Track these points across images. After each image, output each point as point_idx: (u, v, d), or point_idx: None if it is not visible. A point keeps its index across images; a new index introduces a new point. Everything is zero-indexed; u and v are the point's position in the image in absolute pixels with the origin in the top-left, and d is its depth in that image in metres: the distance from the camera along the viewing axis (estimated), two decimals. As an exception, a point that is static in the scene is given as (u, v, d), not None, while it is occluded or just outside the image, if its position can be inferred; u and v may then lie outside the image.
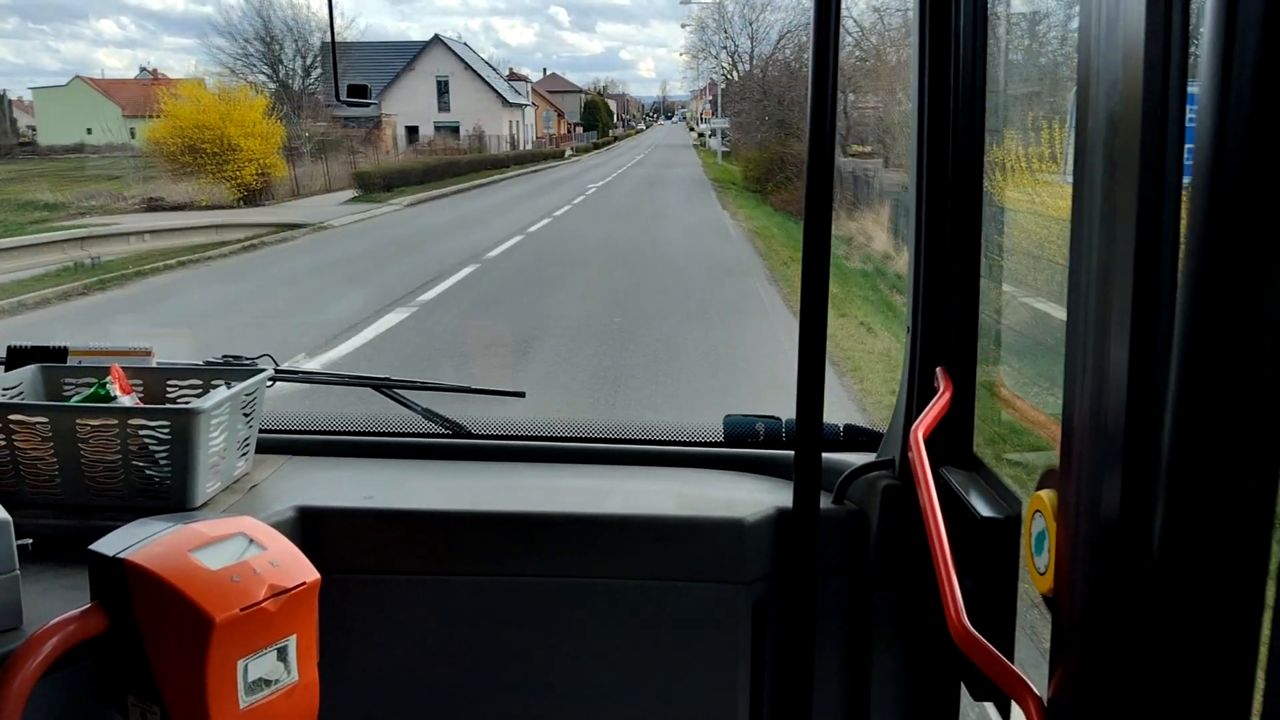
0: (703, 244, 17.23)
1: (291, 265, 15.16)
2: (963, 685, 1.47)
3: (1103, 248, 0.83)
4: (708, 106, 67.38)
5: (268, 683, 1.30)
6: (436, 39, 59.08)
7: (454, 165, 36.46)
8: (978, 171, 1.54)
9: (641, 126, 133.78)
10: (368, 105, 1.97)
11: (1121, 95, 0.80)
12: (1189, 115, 0.75)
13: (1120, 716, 0.84)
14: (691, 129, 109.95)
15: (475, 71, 58.97)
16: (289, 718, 1.34)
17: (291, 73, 45.38)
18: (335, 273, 14.21)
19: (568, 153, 64.66)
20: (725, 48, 54.16)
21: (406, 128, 52.33)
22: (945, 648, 1.26)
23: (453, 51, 59.22)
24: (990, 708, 1.35)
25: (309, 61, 46.11)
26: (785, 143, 25.00)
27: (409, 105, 55.25)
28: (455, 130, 54.84)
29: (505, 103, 59.42)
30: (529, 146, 64.45)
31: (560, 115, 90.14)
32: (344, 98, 1.88)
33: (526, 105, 67.38)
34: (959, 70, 1.52)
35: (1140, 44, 0.77)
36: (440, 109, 58.39)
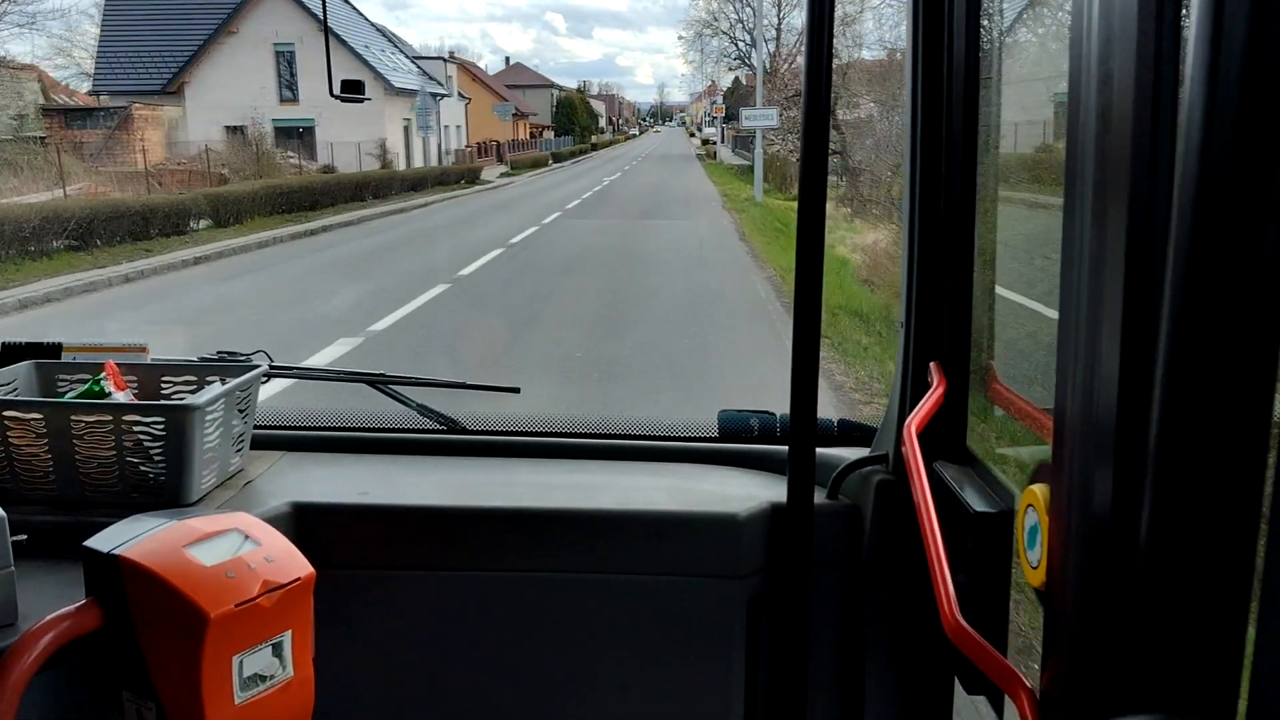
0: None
1: None
2: (956, 679, 1.48)
3: (1094, 241, 0.84)
4: (719, 101, 53.28)
5: (263, 678, 1.31)
6: (273, -18, 33.15)
7: None
8: (971, 166, 1.54)
9: (634, 132, 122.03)
10: (362, 101, 1.95)
11: (1112, 89, 0.81)
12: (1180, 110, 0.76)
13: (1112, 709, 0.84)
14: (692, 135, 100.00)
15: (340, 39, 32.87)
16: (284, 713, 1.34)
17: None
18: None
19: (491, 174, 40.03)
20: (740, 21, 41.20)
21: (228, 129, 30.99)
22: (938, 642, 1.27)
23: (299, 3, 32.86)
24: (983, 701, 1.36)
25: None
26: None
27: (229, 92, 32.57)
28: (307, 133, 33.19)
29: (391, 89, 34.19)
30: (450, 158, 41.13)
31: (521, 115, 67.53)
32: (337, 93, 1.86)
33: (444, 96, 41.95)
34: (952, 67, 1.53)
35: (1132, 38, 0.78)
36: (283, 98, 34.26)
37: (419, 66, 42.07)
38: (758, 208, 22.77)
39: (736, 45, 45.42)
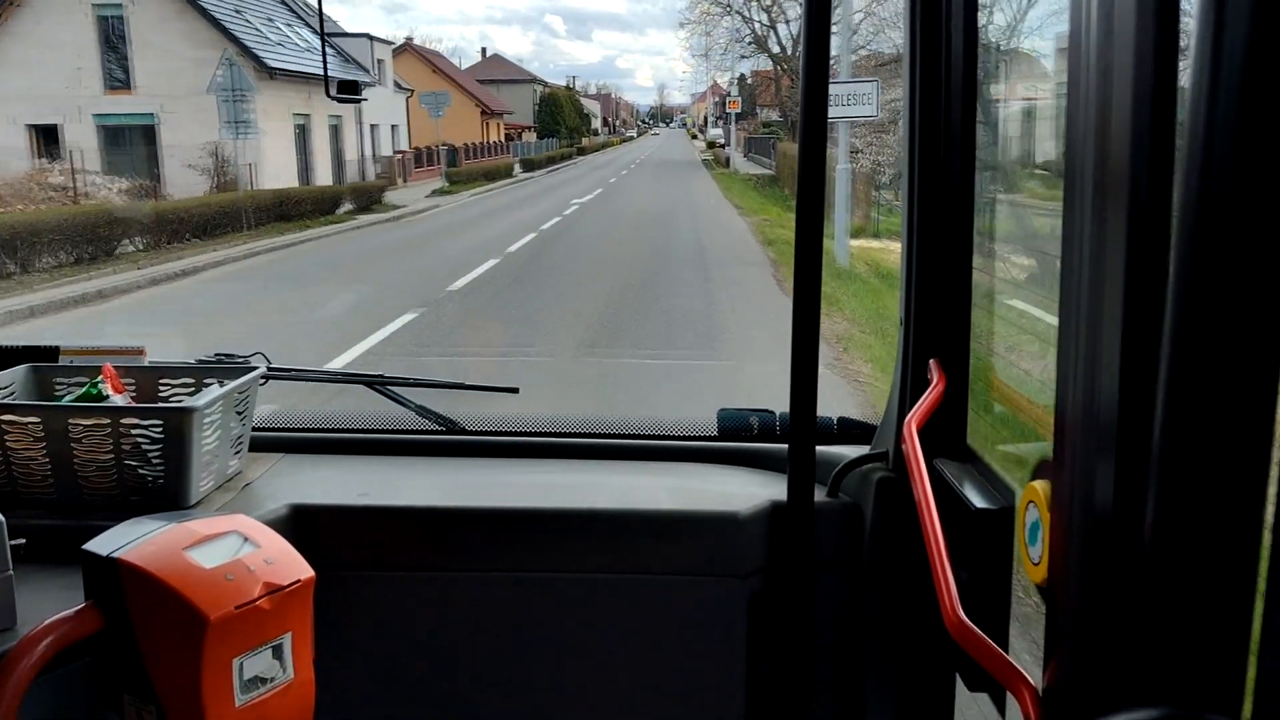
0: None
1: None
2: (958, 676, 1.48)
3: (1094, 236, 0.84)
4: (734, 95, 46.91)
5: (264, 680, 1.30)
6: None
7: None
8: (970, 163, 1.54)
9: (631, 134, 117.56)
10: (358, 103, 1.94)
11: (1112, 84, 0.81)
12: (1179, 107, 0.76)
13: (1115, 705, 0.84)
14: (694, 137, 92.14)
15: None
16: (285, 715, 1.34)
17: None
18: None
19: (415, 194, 28.01)
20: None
21: (35, 129, 23.06)
22: (940, 639, 1.27)
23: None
24: (985, 698, 1.36)
25: None
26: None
27: (32, 76, 23.51)
28: (146, 133, 23.90)
29: (270, 73, 24.26)
30: (376, 168, 30.88)
31: (492, 113, 56.05)
32: (334, 94, 1.85)
33: (368, 85, 28.28)
34: (950, 63, 1.53)
35: (1131, 33, 0.78)
36: (110, 84, 24.34)
37: (334, 47, 29.45)
38: (854, 284, 11.05)
39: (752, 26, 37.95)
